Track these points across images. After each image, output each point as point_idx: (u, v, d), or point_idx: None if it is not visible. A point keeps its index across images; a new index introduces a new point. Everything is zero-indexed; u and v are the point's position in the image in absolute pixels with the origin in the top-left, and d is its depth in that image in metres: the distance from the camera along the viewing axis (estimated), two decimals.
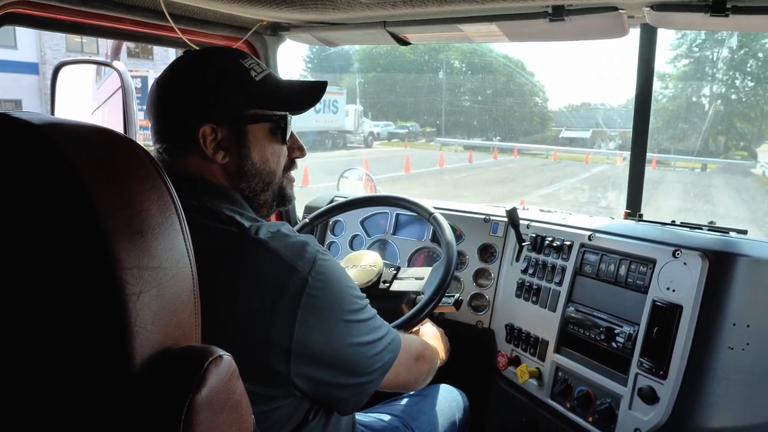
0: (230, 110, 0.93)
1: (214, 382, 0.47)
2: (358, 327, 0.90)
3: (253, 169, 0.96)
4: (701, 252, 1.18)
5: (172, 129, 0.94)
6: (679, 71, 25.73)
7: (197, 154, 0.92)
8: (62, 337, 0.45)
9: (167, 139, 0.94)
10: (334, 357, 0.86)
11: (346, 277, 0.92)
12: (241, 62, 0.97)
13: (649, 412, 1.18)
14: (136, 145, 0.51)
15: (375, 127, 24.90)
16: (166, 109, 0.95)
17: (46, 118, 0.47)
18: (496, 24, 1.36)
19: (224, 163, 0.94)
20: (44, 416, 0.47)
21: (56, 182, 0.44)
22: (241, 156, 0.94)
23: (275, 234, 0.85)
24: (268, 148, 0.98)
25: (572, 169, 18.29)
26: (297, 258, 0.83)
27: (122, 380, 0.45)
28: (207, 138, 0.91)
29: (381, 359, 0.94)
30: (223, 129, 0.93)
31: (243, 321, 0.80)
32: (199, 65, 0.96)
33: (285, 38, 1.76)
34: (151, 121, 0.97)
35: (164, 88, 0.96)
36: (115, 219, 0.44)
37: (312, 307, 0.82)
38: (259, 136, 0.96)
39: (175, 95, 0.94)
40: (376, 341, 0.94)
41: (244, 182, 0.96)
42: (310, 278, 0.82)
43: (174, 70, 0.97)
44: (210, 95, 0.93)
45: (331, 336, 0.85)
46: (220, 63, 0.96)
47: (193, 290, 0.51)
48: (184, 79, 0.95)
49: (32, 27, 1.28)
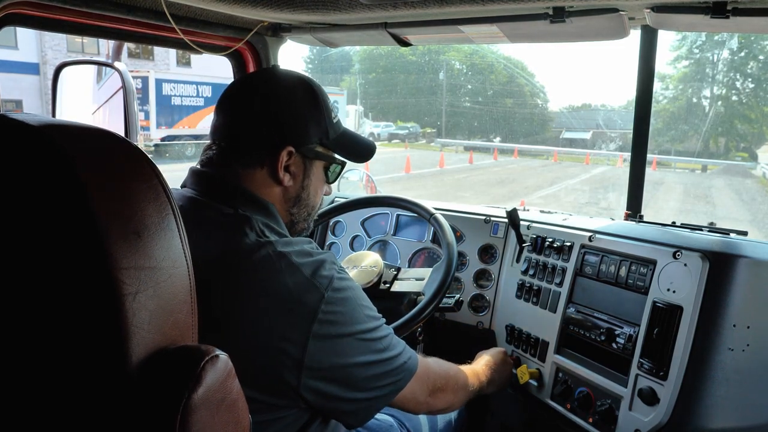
0: (309, 141, 0.99)
1: (210, 381, 0.47)
2: (371, 345, 0.91)
3: (307, 199, 1.03)
4: (701, 253, 1.18)
5: (252, 138, 0.95)
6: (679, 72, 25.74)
7: (267, 169, 0.96)
8: (59, 337, 0.45)
9: (242, 145, 0.96)
10: (345, 373, 0.88)
11: (361, 296, 0.94)
12: (327, 100, 1.03)
13: (649, 413, 1.18)
14: (133, 145, 0.51)
15: (375, 128, 24.93)
16: (255, 117, 0.96)
17: (43, 119, 0.47)
18: (497, 25, 1.36)
19: (287, 187, 0.98)
20: (41, 416, 0.47)
21: (53, 183, 0.44)
22: (303, 185, 1.01)
23: (299, 250, 0.88)
24: (320, 184, 1.06)
25: (573, 170, 18.29)
26: (315, 275, 0.86)
27: (119, 380, 0.45)
28: (283, 160, 0.96)
29: (393, 378, 0.95)
30: (297, 156, 0.98)
31: (259, 331, 0.81)
32: (296, 87, 0.99)
33: (286, 39, 1.76)
34: (225, 119, 0.98)
35: (256, 95, 0.97)
36: (112, 219, 0.44)
37: (326, 323, 0.84)
38: (319, 172, 1.04)
39: (269, 108, 0.96)
40: (389, 359, 0.95)
41: (295, 208, 1.02)
42: (327, 295, 0.85)
43: (270, 80, 1.00)
44: (300, 122, 0.98)
45: (343, 352, 0.87)
46: (316, 94, 1.00)
47: (189, 290, 0.51)
48: (280, 96, 0.98)
49: (33, 27, 1.28)
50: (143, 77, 16.33)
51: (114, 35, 1.46)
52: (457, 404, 1.19)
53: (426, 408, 1.10)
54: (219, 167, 0.96)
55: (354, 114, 22.99)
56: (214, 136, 0.99)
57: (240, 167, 0.95)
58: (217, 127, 0.99)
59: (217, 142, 0.98)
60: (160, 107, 16.67)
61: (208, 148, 0.99)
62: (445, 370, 1.16)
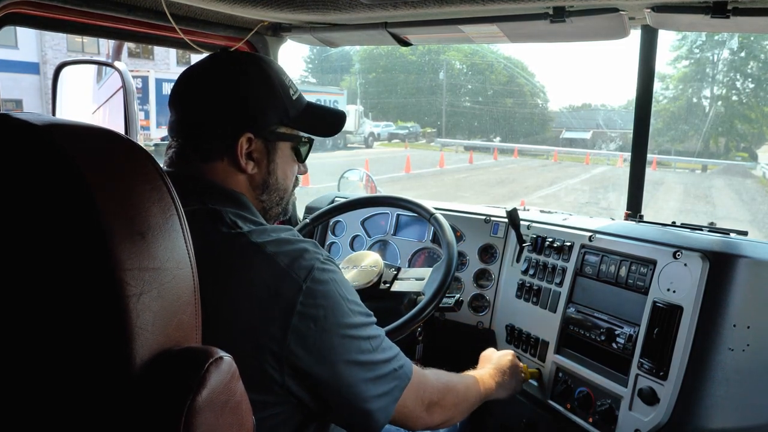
0: (268, 124, 0.95)
1: (214, 383, 0.47)
2: (357, 344, 0.86)
3: (276, 183, 0.99)
4: (702, 253, 1.18)
5: (207, 130, 0.92)
6: (679, 72, 25.74)
7: (227, 160, 0.92)
8: (63, 339, 0.45)
9: (198, 139, 0.92)
10: (330, 372, 0.83)
11: (347, 289, 0.89)
12: (283, 78, 0.98)
13: (649, 413, 1.18)
14: (137, 145, 0.50)
15: (375, 128, 24.93)
16: (206, 108, 0.93)
17: (46, 119, 0.46)
18: (497, 25, 1.36)
19: (252, 174, 0.95)
20: (45, 417, 0.47)
21: (56, 183, 0.44)
22: (269, 170, 0.97)
23: (276, 239, 0.84)
24: (289, 166, 1.01)
25: (573, 170, 18.30)
26: (293, 265, 0.82)
27: (123, 381, 0.45)
28: (243, 147, 0.92)
29: (385, 385, 0.90)
30: (258, 141, 0.94)
31: (238, 325, 0.79)
32: (247, 71, 0.95)
33: (286, 39, 1.76)
34: (177, 115, 0.95)
35: (205, 85, 0.93)
36: (116, 220, 0.44)
37: (306, 316, 0.80)
38: (285, 154, 1.00)
39: (220, 96, 0.93)
40: (379, 363, 0.89)
41: (265, 195, 0.98)
42: (305, 286, 0.81)
43: (218, 68, 0.95)
44: (255, 105, 0.93)
45: (326, 349, 0.82)
46: (268, 74, 0.96)
47: (193, 291, 0.51)
48: (230, 82, 0.93)
49: (33, 27, 1.28)
50: (143, 77, 16.32)
51: (114, 35, 1.46)
52: (457, 418, 1.13)
53: (422, 424, 1.03)
54: (181, 166, 0.93)
55: (354, 114, 22.99)
56: (171, 133, 0.96)
57: (201, 162, 0.92)
58: (172, 124, 0.95)
59: (175, 138, 0.95)
60: (160, 107, 16.67)
61: (168, 148, 0.96)
62: (444, 383, 1.09)
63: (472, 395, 1.17)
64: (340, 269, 0.91)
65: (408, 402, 0.96)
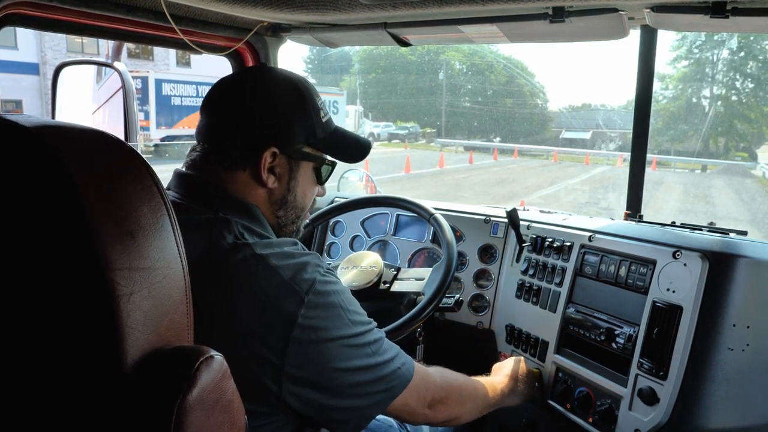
0: (295, 142, 0.96)
1: (205, 382, 0.47)
2: (358, 351, 0.87)
3: (294, 201, 0.99)
4: (701, 253, 1.18)
5: (234, 139, 0.93)
6: (679, 72, 25.75)
7: (249, 171, 0.93)
8: (53, 338, 0.45)
9: (223, 145, 0.93)
10: (328, 379, 0.84)
11: (348, 300, 0.90)
12: (316, 98, 0.99)
13: (649, 413, 1.18)
14: (127, 146, 0.50)
15: (375, 128, 24.93)
16: (237, 118, 0.93)
17: (38, 121, 0.46)
18: (497, 25, 1.36)
19: (272, 189, 0.95)
20: (36, 417, 0.47)
21: (46, 184, 0.44)
22: (289, 187, 0.98)
23: (280, 252, 0.85)
24: (309, 186, 1.02)
25: (572, 170, 18.30)
26: (295, 278, 0.82)
27: (113, 380, 0.45)
28: (266, 161, 0.93)
29: (384, 385, 0.91)
30: (282, 157, 0.95)
31: (237, 336, 0.79)
32: (282, 86, 0.96)
33: (285, 39, 1.76)
34: (208, 121, 0.96)
35: (238, 96, 0.95)
36: (106, 220, 0.44)
37: (307, 329, 0.81)
38: (307, 173, 1.00)
39: (251, 108, 0.94)
40: (379, 365, 0.90)
41: (282, 211, 0.98)
42: (307, 299, 0.82)
43: (253, 81, 0.96)
44: (285, 121, 0.94)
45: (326, 359, 0.83)
46: (301, 93, 0.97)
47: (185, 291, 0.51)
48: (263, 96, 0.95)
49: (33, 28, 1.28)
50: (143, 77, 16.33)
51: (114, 35, 1.46)
52: (464, 417, 1.14)
53: (424, 419, 1.06)
54: (202, 170, 0.94)
55: (354, 114, 22.99)
56: (199, 137, 0.97)
57: (222, 169, 0.93)
58: (201, 129, 0.96)
59: (201, 143, 0.96)
60: (159, 107, 16.68)
61: (193, 150, 0.97)
62: (449, 382, 1.11)
63: (480, 396, 1.19)
64: (340, 280, 0.92)
65: (410, 400, 0.97)
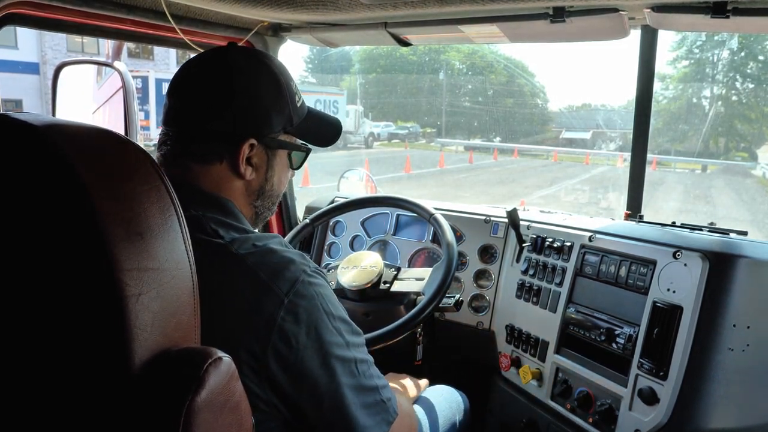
0: (273, 131, 0.91)
1: (213, 383, 0.47)
2: (340, 365, 0.80)
3: (271, 190, 0.96)
4: (701, 253, 1.18)
5: (208, 130, 0.87)
6: (679, 72, 25.72)
7: (226, 164, 0.88)
8: (62, 339, 0.45)
9: (195, 138, 0.87)
10: (310, 394, 0.78)
11: (333, 304, 0.83)
12: (291, 83, 0.94)
13: (649, 413, 1.18)
14: (136, 146, 0.50)
15: (375, 128, 24.90)
16: (210, 106, 0.87)
17: (46, 119, 0.46)
18: (497, 25, 1.36)
19: (249, 180, 0.91)
20: (45, 417, 0.47)
21: (55, 184, 0.44)
22: (267, 177, 0.94)
23: (260, 249, 0.79)
24: (284, 173, 0.98)
25: (572, 170, 18.28)
26: (275, 278, 0.77)
27: (122, 382, 0.45)
28: (245, 152, 0.88)
29: (372, 417, 0.83)
30: (260, 147, 0.90)
31: (219, 340, 0.75)
32: (259, 71, 0.90)
33: (286, 39, 1.76)
34: (175, 105, 0.89)
35: (211, 80, 0.88)
36: (115, 220, 0.44)
37: (287, 332, 0.75)
38: (282, 161, 0.96)
39: (227, 96, 0.87)
40: (366, 390, 0.83)
41: (259, 201, 0.95)
42: (287, 300, 0.76)
43: (225, 63, 0.88)
44: (266, 111, 0.89)
45: (307, 369, 0.77)
46: (278, 78, 0.91)
47: (192, 292, 0.51)
48: (239, 81, 0.88)
49: (33, 27, 1.28)
50: (143, 77, 16.31)
51: (114, 35, 1.47)
52: None
53: None
54: (171, 166, 0.87)
55: (354, 114, 22.98)
56: (167, 125, 0.89)
57: (195, 163, 0.86)
58: (169, 114, 0.89)
59: (169, 133, 0.88)
60: (160, 107, 16.57)
61: (162, 144, 0.89)
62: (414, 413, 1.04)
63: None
64: (328, 282, 0.85)
65: None
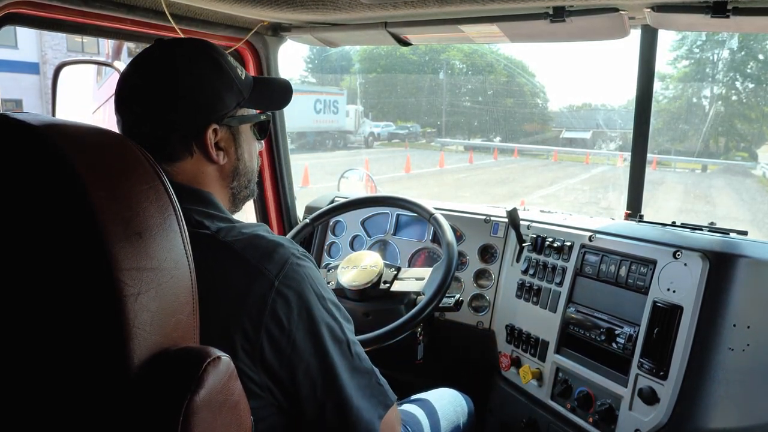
0: (228, 110, 0.90)
1: (212, 383, 0.47)
2: (335, 346, 0.81)
3: (245, 168, 0.96)
4: (702, 253, 1.18)
5: (171, 129, 0.86)
6: (679, 72, 25.71)
7: (197, 156, 0.88)
8: (61, 339, 0.45)
9: (161, 141, 0.86)
10: (305, 373, 0.79)
11: (323, 286, 0.84)
12: (228, 58, 0.93)
13: (649, 413, 1.18)
14: (134, 145, 0.50)
15: (375, 128, 24.89)
16: (164, 107, 0.85)
17: (45, 119, 0.46)
18: (497, 25, 1.36)
19: (222, 165, 0.91)
20: (43, 417, 0.47)
21: (54, 183, 0.44)
22: (238, 155, 0.94)
23: (247, 235, 0.80)
24: (253, 146, 0.98)
25: (573, 170, 18.28)
26: (265, 261, 0.78)
27: (120, 381, 0.45)
28: (210, 140, 0.88)
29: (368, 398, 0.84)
30: (223, 129, 0.90)
31: (211, 328, 0.75)
32: (196, 58, 0.88)
33: (286, 39, 1.76)
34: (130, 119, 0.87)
35: (156, 84, 0.86)
36: (113, 220, 0.44)
37: (278, 314, 0.76)
38: (248, 135, 0.96)
39: (176, 93, 0.86)
40: (362, 373, 0.84)
41: (235, 181, 0.95)
42: (278, 282, 0.77)
43: (163, 63, 0.87)
44: (213, 94, 0.88)
45: (300, 349, 0.78)
46: (215, 58, 0.90)
47: (191, 291, 0.51)
48: (181, 75, 0.86)
49: (33, 27, 1.28)
50: None
51: (114, 35, 1.47)
52: None
53: None
54: None
55: (354, 114, 22.97)
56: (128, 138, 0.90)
57: (166, 164, 0.86)
58: (125, 128, 0.87)
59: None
60: None
61: None
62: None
63: None
64: (315, 265, 0.86)
65: (395, 424, 0.91)
